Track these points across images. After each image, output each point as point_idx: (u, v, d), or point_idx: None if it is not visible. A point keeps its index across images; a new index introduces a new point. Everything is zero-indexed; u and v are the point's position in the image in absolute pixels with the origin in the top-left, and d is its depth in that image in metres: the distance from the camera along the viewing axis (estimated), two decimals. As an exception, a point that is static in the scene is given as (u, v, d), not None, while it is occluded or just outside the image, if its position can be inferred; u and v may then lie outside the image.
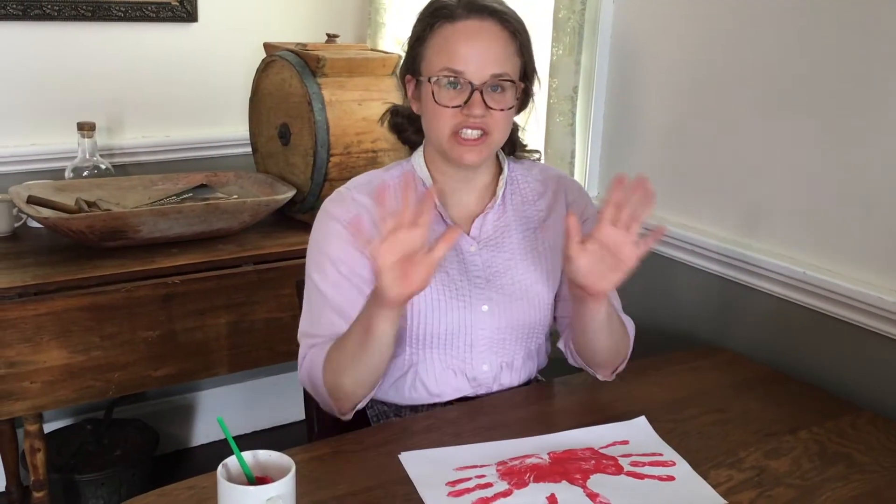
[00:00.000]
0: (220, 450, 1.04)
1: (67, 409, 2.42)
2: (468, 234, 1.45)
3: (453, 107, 1.34)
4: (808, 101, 1.64)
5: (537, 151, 1.58)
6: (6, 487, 2.29)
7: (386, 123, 1.53)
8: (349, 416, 1.37)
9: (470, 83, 1.33)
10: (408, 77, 1.42)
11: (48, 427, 2.39)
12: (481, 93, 1.33)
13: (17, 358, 1.77)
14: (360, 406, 1.37)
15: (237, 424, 2.69)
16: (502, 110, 1.35)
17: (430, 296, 1.40)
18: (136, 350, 1.90)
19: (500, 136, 1.39)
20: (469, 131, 1.34)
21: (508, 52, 1.36)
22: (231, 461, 1.04)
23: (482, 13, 1.34)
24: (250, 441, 2.68)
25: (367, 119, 2.16)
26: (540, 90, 1.47)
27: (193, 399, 2.66)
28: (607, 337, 1.41)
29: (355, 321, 1.30)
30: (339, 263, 1.38)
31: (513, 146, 1.52)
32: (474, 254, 1.45)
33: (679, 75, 1.89)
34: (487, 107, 1.33)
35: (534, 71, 1.42)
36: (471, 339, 1.43)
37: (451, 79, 1.33)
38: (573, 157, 2.04)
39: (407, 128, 1.50)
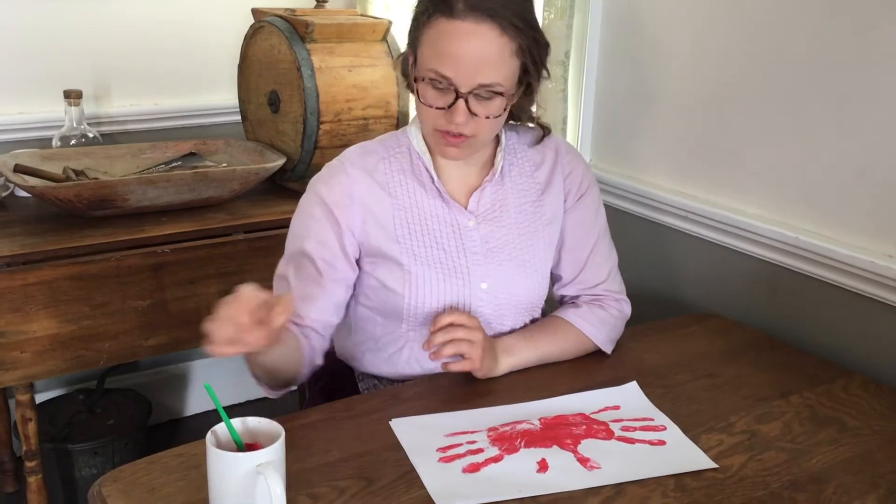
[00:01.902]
0: (212, 419, 1.03)
1: (60, 379, 2.42)
2: (465, 209, 1.42)
3: (437, 108, 1.28)
4: (803, 64, 1.62)
5: (548, 128, 1.50)
6: (-1, 457, 2.30)
7: (398, 69, 1.48)
8: (277, 395, 1.36)
9: (456, 90, 1.25)
10: (409, 52, 1.35)
11: (41, 397, 2.39)
12: (466, 101, 1.26)
13: (7, 328, 1.76)
14: (291, 388, 1.36)
15: (229, 394, 2.68)
16: (488, 118, 1.29)
17: (427, 274, 1.38)
18: (127, 319, 1.89)
19: (486, 137, 1.34)
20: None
21: (504, 56, 1.25)
22: (220, 428, 1.04)
23: (481, 14, 1.22)
24: (242, 410, 2.63)
25: (358, 86, 2.13)
26: (549, 77, 1.38)
27: (186, 369, 2.65)
28: (559, 358, 1.46)
29: None
30: (316, 259, 1.35)
31: (520, 117, 1.45)
32: (472, 229, 1.42)
33: (674, 38, 1.87)
34: (472, 113, 1.27)
35: (539, 63, 1.32)
36: None
37: (437, 82, 1.26)
38: (565, 123, 2.02)
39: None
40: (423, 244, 1.39)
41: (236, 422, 1.05)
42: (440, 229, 1.40)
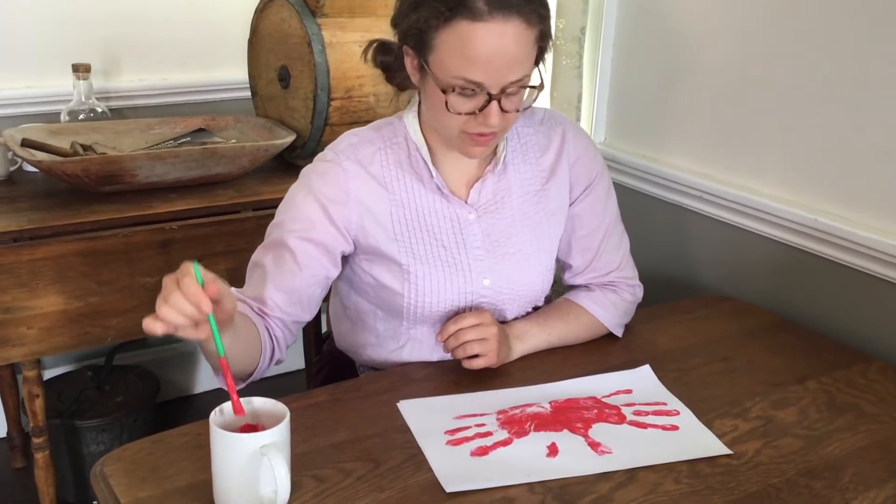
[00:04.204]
0: (222, 397, 1.01)
1: (69, 355, 2.41)
2: (465, 202, 1.36)
3: (467, 113, 1.20)
4: (824, 42, 1.58)
5: (543, 109, 1.46)
6: (7, 433, 2.30)
7: (370, 58, 1.37)
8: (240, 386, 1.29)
9: (487, 93, 1.18)
10: (406, 48, 1.24)
11: (49, 373, 2.39)
12: (499, 101, 1.19)
13: (13, 303, 1.75)
14: (250, 381, 1.31)
15: (239, 372, 2.68)
16: (517, 111, 1.23)
17: (427, 271, 1.33)
18: (135, 296, 1.88)
19: (509, 128, 1.29)
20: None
21: (529, 48, 1.18)
22: (226, 407, 1.02)
23: (508, 11, 1.14)
24: (251, 388, 2.65)
25: (369, 62, 2.10)
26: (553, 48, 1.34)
27: (196, 347, 2.64)
28: (572, 342, 1.43)
29: None
30: (298, 253, 1.28)
31: None
32: (473, 223, 1.35)
33: (693, 14, 1.83)
34: (503, 111, 1.20)
35: (549, 35, 1.24)
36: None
37: (467, 90, 1.18)
38: (580, 101, 1.99)
39: (397, 70, 1.34)
40: (423, 242, 1.33)
41: (242, 401, 1.03)
42: (439, 225, 1.34)
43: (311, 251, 1.29)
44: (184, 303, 0.98)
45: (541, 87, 1.24)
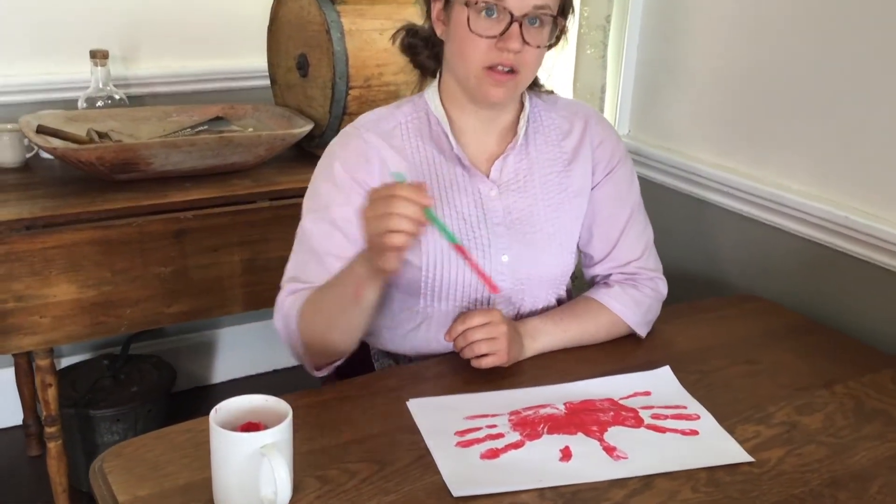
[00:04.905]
0: (238, 388, 0.98)
1: (85, 344, 2.40)
2: (488, 178, 1.35)
3: (488, 37, 1.22)
4: (856, 34, 1.52)
5: (552, 92, 1.45)
6: (23, 420, 2.29)
7: (398, 42, 1.40)
8: (323, 374, 1.30)
9: (510, 13, 1.21)
10: None
11: (66, 362, 2.38)
12: (520, 24, 1.21)
13: (26, 292, 1.73)
14: (337, 364, 1.29)
15: (258, 363, 2.67)
16: (538, 47, 1.24)
17: (446, 246, 1.31)
18: (149, 286, 1.86)
19: (528, 76, 1.29)
20: (500, 66, 1.24)
21: None
22: (226, 405, 0.99)
23: None
24: (271, 380, 2.66)
25: (389, 50, 2.04)
26: (573, 23, 1.34)
27: (213, 336, 2.63)
28: (589, 341, 1.39)
29: (336, 280, 1.21)
30: (333, 211, 1.28)
31: (532, 83, 1.40)
32: (494, 199, 1.34)
33: (721, 5, 1.77)
34: (524, 41, 1.22)
35: (571, 5, 1.30)
36: (489, 292, 1.35)
37: (490, 9, 1.21)
38: (603, 91, 1.94)
39: (422, 51, 1.37)
40: (443, 213, 1.32)
41: (242, 399, 1.00)
42: (460, 198, 1.33)
43: (338, 219, 1.28)
44: (405, 204, 1.03)
45: (563, 27, 1.28)
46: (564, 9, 1.28)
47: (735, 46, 1.75)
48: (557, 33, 1.29)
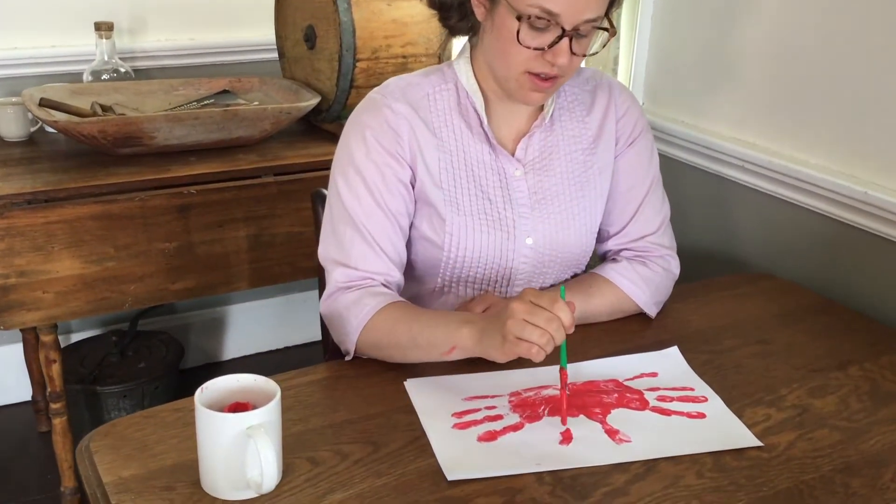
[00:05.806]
0: (248, 365, 0.95)
1: (93, 320, 2.39)
2: (513, 156, 1.30)
3: (536, 48, 1.16)
4: (876, 14, 1.46)
5: (588, 68, 1.40)
6: (32, 396, 2.29)
7: None
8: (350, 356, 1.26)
9: (562, 27, 1.14)
10: None
11: (74, 337, 2.37)
12: (570, 39, 1.15)
13: (29, 267, 1.72)
14: None
15: (267, 340, 2.64)
16: (583, 56, 1.20)
17: (470, 224, 1.27)
18: (152, 262, 1.84)
19: (569, 78, 1.24)
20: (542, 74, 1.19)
21: None
22: (212, 384, 0.96)
23: None
24: (281, 357, 2.63)
25: (398, 21, 2.01)
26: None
27: (223, 313, 2.61)
28: (593, 319, 1.35)
29: (427, 324, 1.17)
30: (373, 189, 1.24)
31: None
32: (519, 178, 1.30)
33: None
34: (572, 53, 1.17)
35: (618, 4, 1.24)
36: (509, 272, 1.31)
37: (539, 21, 1.14)
38: (616, 63, 1.89)
39: (454, 14, 1.27)
40: (467, 192, 1.28)
41: (229, 379, 0.97)
42: (486, 177, 1.29)
43: (378, 198, 1.24)
44: (560, 330, 1.06)
45: (612, 31, 1.21)
46: (610, 8, 1.21)
47: (753, 19, 1.69)
48: (606, 41, 1.23)
